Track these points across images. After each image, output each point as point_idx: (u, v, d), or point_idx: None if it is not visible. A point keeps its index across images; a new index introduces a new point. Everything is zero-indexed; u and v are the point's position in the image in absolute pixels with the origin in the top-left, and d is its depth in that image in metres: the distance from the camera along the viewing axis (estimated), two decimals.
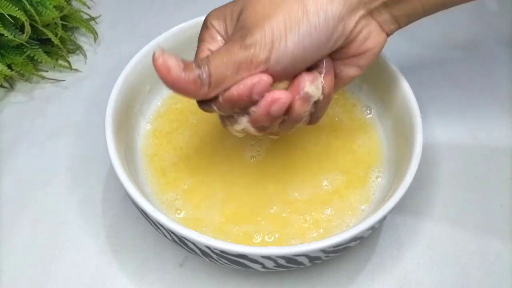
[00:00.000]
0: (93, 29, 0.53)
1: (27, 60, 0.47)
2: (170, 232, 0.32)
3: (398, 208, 0.40)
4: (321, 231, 0.36)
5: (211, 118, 0.42)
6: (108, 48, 0.53)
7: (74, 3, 0.52)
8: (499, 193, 0.42)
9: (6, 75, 0.46)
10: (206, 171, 0.39)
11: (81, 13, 0.53)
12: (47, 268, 0.38)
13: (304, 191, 0.38)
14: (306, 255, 0.31)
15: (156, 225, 0.33)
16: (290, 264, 0.32)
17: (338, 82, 0.33)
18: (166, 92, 0.43)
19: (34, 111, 0.47)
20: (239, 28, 0.30)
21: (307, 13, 0.28)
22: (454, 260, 0.38)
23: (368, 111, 0.42)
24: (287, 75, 0.30)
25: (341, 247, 0.32)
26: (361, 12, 0.30)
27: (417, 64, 0.51)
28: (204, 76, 0.28)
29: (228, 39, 0.31)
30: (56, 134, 0.46)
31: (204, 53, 0.32)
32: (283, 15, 0.29)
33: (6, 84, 0.49)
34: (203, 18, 0.42)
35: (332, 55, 0.31)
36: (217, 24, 0.32)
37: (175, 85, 0.28)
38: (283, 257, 0.31)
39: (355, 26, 0.30)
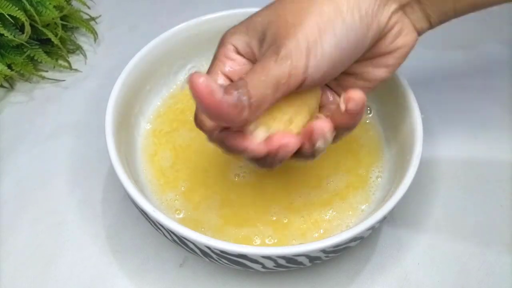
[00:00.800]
0: (93, 29, 0.53)
1: (27, 60, 0.47)
2: (170, 232, 0.32)
3: (398, 208, 0.40)
4: (322, 231, 0.36)
5: None
6: (108, 48, 0.53)
7: (74, 3, 0.52)
8: (499, 193, 0.42)
9: (6, 75, 0.46)
10: (206, 171, 0.39)
11: (81, 13, 0.53)
12: (47, 268, 0.38)
13: (304, 192, 0.38)
14: (306, 255, 0.31)
15: (156, 225, 0.33)
16: (290, 264, 0.32)
17: (366, 84, 0.32)
18: (166, 92, 0.43)
19: (34, 111, 0.47)
20: (270, 42, 0.28)
21: (340, 13, 0.27)
22: (454, 260, 0.38)
23: (368, 111, 0.42)
24: (324, 81, 0.29)
25: (341, 247, 0.32)
26: (393, 7, 0.29)
27: (417, 64, 0.51)
28: (244, 98, 0.26)
29: (260, 55, 0.29)
30: (56, 134, 0.46)
31: (216, 75, 0.30)
32: (315, 18, 0.27)
33: (6, 84, 0.49)
34: (203, 18, 0.42)
35: (362, 55, 0.30)
36: (235, 39, 0.30)
37: (216, 109, 0.25)
38: (283, 257, 0.31)
39: (387, 21, 0.29)
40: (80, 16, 0.52)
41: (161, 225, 0.31)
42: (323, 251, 0.31)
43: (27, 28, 0.45)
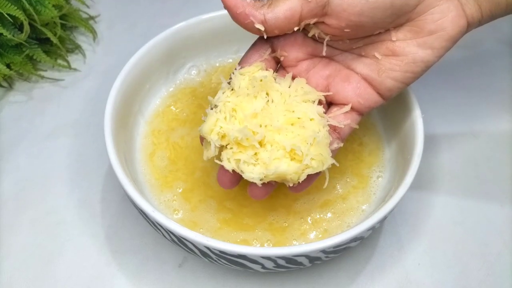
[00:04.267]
0: (92, 28, 0.52)
1: (26, 60, 0.47)
2: (170, 233, 0.31)
3: (398, 208, 0.40)
4: (322, 231, 0.36)
5: None
6: (107, 47, 0.53)
7: (73, 2, 0.52)
8: (499, 193, 0.42)
9: (5, 75, 0.46)
10: (205, 171, 0.39)
11: (80, 12, 0.53)
12: (46, 268, 0.38)
13: (303, 193, 0.38)
14: (306, 255, 0.31)
15: (156, 226, 0.32)
16: (290, 264, 0.32)
17: (412, 68, 0.31)
18: (165, 91, 0.43)
19: (33, 110, 0.47)
20: None
21: None
22: (454, 260, 0.38)
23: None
24: (353, 28, 0.30)
25: (341, 247, 0.31)
26: None
27: None
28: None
29: None
30: (55, 133, 0.46)
31: None
32: None
33: (5, 84, 0.49)
34: (202, 17, 0.42)
35: (407, 31, 0.30)
36: None
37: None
38: (283, 258, 0.30)
39: None
40: (79, 15, 0.52)
41: (160, 225, 0.31)
42: (323, 251, 0.31)
43: (26, 28, 0.44)
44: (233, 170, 0.31)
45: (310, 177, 0.32)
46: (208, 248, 0.30)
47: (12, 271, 0.37)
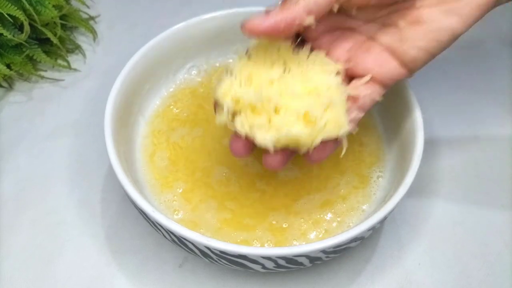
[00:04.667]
0: (93, 28, 0.52)
1: (26, 60, 0.47)
2: (170, 233, 0.31)
3: (399, 208, 0.40)
4: (322, 231, 0.36)
5: (211, 117, 0.42)
6: (108, 48, 0.53)
7: (73, 2, 0.52)
8: (500, 193, 0.42)
9: (5, 75, 0.46)
10: (205, 171, 0.39)
11: (81, 13, 0.53)
12: (46, 269, 0.38)
13: (304, 193, 0.38)
14: (306, 255, 0.31)
15: (156, 226, 0.32)
16: (290, 264, 0.32)
17: (435, 35, 0.30)
18: (165, 91, 0.43)
19: (33, 111, 0.47)
20: None
21: None
22: (454, 260, 0.38)
23: (369, 111, 0.42)
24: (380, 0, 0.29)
25: (342, 247, 0.31)
26: None
27: None
28: None
29: None
30: (55, 134, 0.46)
31: None
32: None
33: (5, 84, 0.49)
34: (202, 17, 0.42)
35: None
36: None
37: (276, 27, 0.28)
38: (283, 258, 0.30)
39: None
40: (80, 15, 0.52)
41: (160, 225, 0.31)
42: (324, 251, 0.31)
43: (26, 28, 0.44)
44: (246, 137, 0.31)
45: (326, 146, 0.31)
46: (208, 248, 0.30)
47: (12, 271, 0.37)
